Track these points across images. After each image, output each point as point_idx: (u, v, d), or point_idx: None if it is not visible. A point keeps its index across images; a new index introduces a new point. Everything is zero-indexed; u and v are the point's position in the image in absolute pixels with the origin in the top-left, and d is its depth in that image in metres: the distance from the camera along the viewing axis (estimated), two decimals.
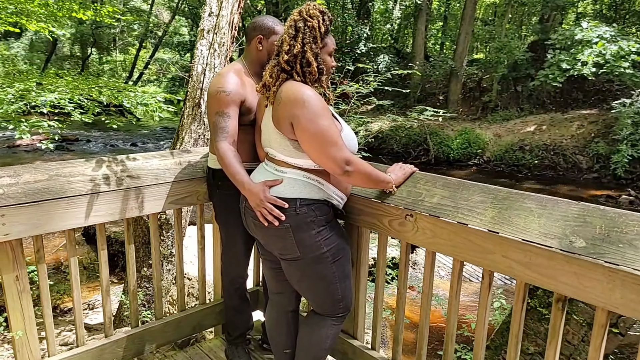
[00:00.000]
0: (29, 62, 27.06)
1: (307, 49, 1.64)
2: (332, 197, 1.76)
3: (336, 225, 1.79)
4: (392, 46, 19.92)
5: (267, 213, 1.66)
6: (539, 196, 1.49)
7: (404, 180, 1.81)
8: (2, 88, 3.86)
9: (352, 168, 1.62)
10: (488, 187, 1.62)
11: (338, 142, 1.61)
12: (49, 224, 1.76)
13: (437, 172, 8.72)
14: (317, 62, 1.66)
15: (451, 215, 1.61)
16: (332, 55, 1.76)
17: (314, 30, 1.65)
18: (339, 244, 1.76)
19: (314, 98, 1.61)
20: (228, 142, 1.83)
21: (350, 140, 1.74)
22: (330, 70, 1.77)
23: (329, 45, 1.72)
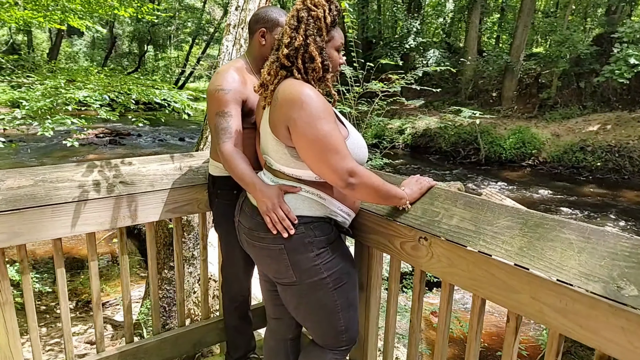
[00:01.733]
0: (90, 59, 28.42)
1: (310, 41, 1.42)
2: (336, 214, 1.54)
3: (340, 246, 1.56)
4: (443, 41, 19.20)
5: (277, 220, 1.45)
6: (580, 225, 1.20)
7: (420, 196, 1.56)
8: (33, 85, 3.89)
9: (356, 180, 1.39)
10: (518, 210, 1.33)
11: (341, 150, 1.38)
12: (32, 234, 1.64)
13: (487, 173, 8.34)
14: (322, 57, 1.44)
15: (472, 242, 1.35)
16: (340, 50, 1.52)
17: (318, 21, 1.43)
18: (342, 268, 1.54)
19: (314, 98, 1.38)
20: (232, 143, 1.64)
21: (358, 148, 1.51)
22: (337, 67, 1.54)
23: (336, 39, 1.49)
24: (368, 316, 1.82)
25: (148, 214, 1.88)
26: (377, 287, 1.80)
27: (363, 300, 1.82)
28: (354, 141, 1.50)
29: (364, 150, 1.54)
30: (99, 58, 28.38)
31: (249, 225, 1.54)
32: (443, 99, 17.40)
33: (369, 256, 1.76)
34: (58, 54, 23.97)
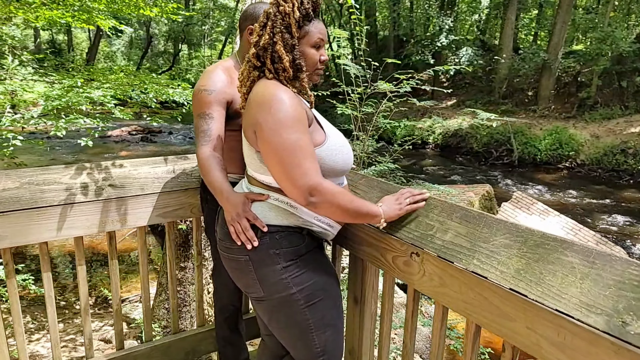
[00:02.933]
0: (127, 58, 29.19)
1: (277, 39, 1.32)
2: (311, 224, 1.41)
3: (314, 259, 1.43)
4: (477, 38, 18.70)
5: (241, 230, 1.37)
6: (585, 247, 1.05)
7: (401, 215, 1.41)
8: (52, 84, 3.94)
9: (318, 199, 1.27)
10: (517, 227, 1.20)
11: (303, 164, 1.26)
12: (17, 237, 1.61)
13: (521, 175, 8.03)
14: (293, 55, 1.33)
15: (465, 261, 1.22)
16: (319, 46, 1.39)
17: (287, 17, 1.31)
18: (315, 283, 1.40)
19: (285, 103, 1.27)
20: (210, 147, 1.57)
21: (337, 154, 1.39)
22: (316, 65, 1.40)
23: (311, 34, 1.36)
24: (362, 329, 1.71)
25: (138, 218, 1.83)
26: (372, 301, 1.69)
27: (357, 314, 1.71)
28: (332, 146, 1.38)
29: (345, 155, 1.42)
30: (135, 57, 29.14)
31: (220, 235, 1.47)
32: (475, 98, 16.95)
33: (363, 269, 1.65)
34: (97, 54, 24.71)
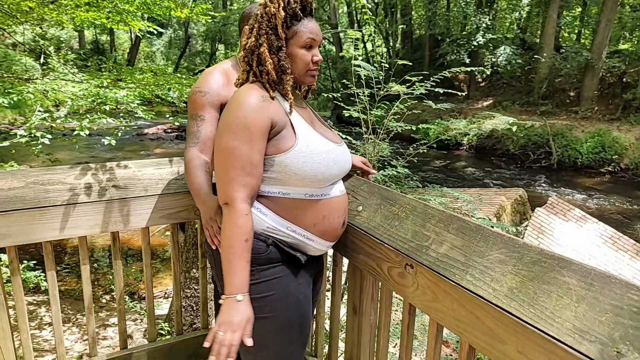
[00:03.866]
0: (166, 58, 29.95)
1: (262, 41, 1.29)
2: (283, 233, 1.33)
3: (274, 274, 1.33)
4: (517, 36, 18.12)
5: (214, 233, 1.40)
6: (584, 267, 0.96)
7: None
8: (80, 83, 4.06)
9: (225, 213, 1.24)
10: (514, 242, 1.12)
11: (230, 173, 1.23)
12: (21, 236, 1.64)
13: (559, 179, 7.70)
14: (277, 57, 1.29)
15: (458, 276, 1.15)
16: (311, 47, 1.33)
17: (273, 18, 1.28)
18: (264, 299, 1.30)
19: (241, 107, 1.24)
20: (197, 148, 1.59)
21: (303, 161, 1.27)
22: (308, 66, 1.34)
23: (301, 34, 1.30)
24: (360, 340, 1.65)
25: (141, 219, 1.84)
26: (372, 312, 1.63)
27: (356, 324, 1.66)
28: (300, 152, 1.28)
29: (318, 164, 1.29)
30: (174, 57, 29.86)
31: (204, 238, 1.48)
32: (513, 98, 16.45)
33: (361, 277, 1.59)
34: (137, 54, 25.47)
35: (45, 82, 3.83)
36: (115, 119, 3.44)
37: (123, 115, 3.74)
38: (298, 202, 1.32)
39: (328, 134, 1.44)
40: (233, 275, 1.21)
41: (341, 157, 1.40)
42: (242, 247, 1.21)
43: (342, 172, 1.42)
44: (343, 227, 1.48)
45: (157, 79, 4.40)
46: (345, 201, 1.47)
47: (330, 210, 1.37)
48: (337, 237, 1.46)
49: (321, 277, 1.65)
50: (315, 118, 1.48)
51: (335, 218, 1.40)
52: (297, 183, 1.29)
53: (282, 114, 1.30)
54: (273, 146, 1.28)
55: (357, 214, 1.57)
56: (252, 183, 1.25)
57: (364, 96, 2.48)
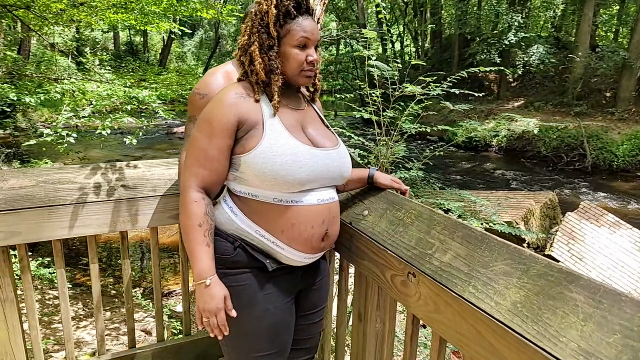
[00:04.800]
0: (197, 58, 30.43)
1: (253, 40, 1.27)
2: (246, 234, 1.30)
3: (238, 280, 1.30)
4: (552, 35, 17.59)
5: None
6: (593, 283, 0.90)
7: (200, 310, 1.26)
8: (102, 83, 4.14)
9: (180, 200, 1.28)
10: (521, 253, 1.05)
11: (192, 164, 1.27)
12: (30, 234, 1.66)
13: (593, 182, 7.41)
14: (268, 57, 1.26)
15: (460, 287, 1.09)
16: (305, 46, 1.27)
17: (265, 16, 1.25)
18: (236, 307, 1.29)
19: (215, 103, 1.27)
20: None
21: (262, 162, 1.22)
22: (302, 66, 1.28)
23: (294, 32, 1.26)
24: (365, 349, 1.60)
25: (149, 219, 1.84)
26: (378, 319, 1.58)
27: (361, 332, 1.61)
28: (261, 153, 1.23)
29: (279, 166, 1.22)
30: (204, 57, 30.30)
31: None
32: (546, 99, 15.97)
33: (366, 284, 1.55)
34: (169, 54, 25.98)
35: (72, 82, 3.92)
36: (137, 119, 3.49)
37: (145, 115, 3.79)
38: (267, 206, 1.27)
39: (318, 138, 1.36)
40: (196, 260, 1.23)
41: (318, 162, 1.28)
42: (198, 232, 1.23)
43: (317, 178, 1.29)
44: (325, 239, 1.36)
45: (180, 79, 4.45)
46: (328, 211, 1.34)
47: (300, 218, 1.28)
48: (315, 248, 1.34)
49: (318, 288, 1.53)
50: (311, 120, 1.40)
51: (308, 228, 1.29)
52: (260, 185, 1.25)
53: (256, 114, 1.26)
54: (240, 145, 1.26)
55: (362, 218, 1.52)
56: (204, 175, 1.26)
57: (377, 97, 2.42)
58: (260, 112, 1.27)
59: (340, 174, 1.37)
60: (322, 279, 1.52)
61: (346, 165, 1.39)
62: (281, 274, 1.35)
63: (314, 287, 1.51)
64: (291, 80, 1.32)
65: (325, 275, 1.55)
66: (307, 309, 1.51)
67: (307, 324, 1.52)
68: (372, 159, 2.57)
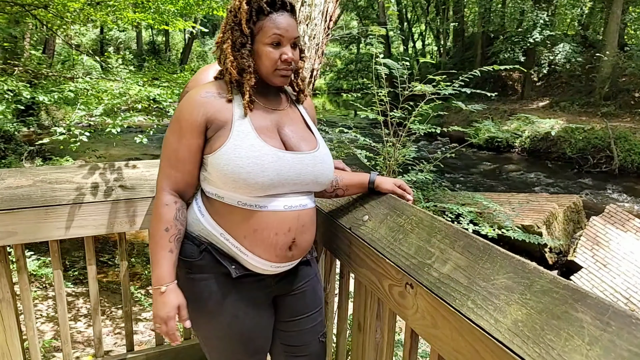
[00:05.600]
0: None
1: (226, 37, 1.23)
2: (212, 236, 1.26)
3: (209, 287, 1.27)
4: (578, 33, 17.11)
5: None
6: (601, 302, 0.81)
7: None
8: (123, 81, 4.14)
9: (155, 201, 1.27)
10: (524, 266, 0.96)
11: (164, 166, 1.26)
12: (27, 234, 1.65)
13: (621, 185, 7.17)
14: (239, 54, 1.21)
15: (459, 301, 1.01)
16: (279, 43, 1.21)
17: (238, 13, 1.20)
18: (204, 312, 1.29)
19: (183, 103, 1.24)
20: None
21: (224, 164, 1.18)
22: (275, 65, 1.22)
23: (266, 30, 1.19)
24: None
25: (147, 221, 1.80)
26: (378, 330, 1.50)
27: (360, 343, 1.54)
28: (223, 154, 1.19)
29: (241, 168, 1.17)
30: None
31: None
32: (572, 99, 15.54)
33: (365, 293, 1.47)
34: (190, 54, 26.24)
35: (86, 81, 3.94)
36: (149, 117, 3.48)
37: (156, 114, 3.78)
38: (231, 209, 1.23)
39: (294, 140, 1.29)
40: (156, 265, 1.22)
41: (285, 165, 1.21)
42: (162, 236, 1.22)
43: (283, 183, 1.21)
44: (293, 249, 1.28)
45: None
46: (296, 219, 1.26)
47: (263, 224, 1.21)
48: (280, 257, 1.27)
49: (301, 294, 1.44)
50: (290, 122, 1.32)
51: (272, 235, 1.22)
52: (224, 187, 1.21)
53: (225, 113, 1.22)
54: (209, 145, 1.23)
55: (362, 223, 1.45)
56: (176, 177, 1.24)
57: (384, 96, 2.33)
58: (231, 111, 1.22)
59: (314, 179, 1.28)
60: (304, 284, 1.44)
61: (322, 170, 1.30)
62: (251, 280, 1.30)
63: (294, 293, 1.43)
64: (266, 80, 1.26)
65: (310, 281, 1.46)
66: (290, 315, 1.43)
67: (296, 330, 1.44)
68: (380, 160, 2.48)
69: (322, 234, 1.67)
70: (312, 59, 3.41)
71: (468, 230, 2.33)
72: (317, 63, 3.45)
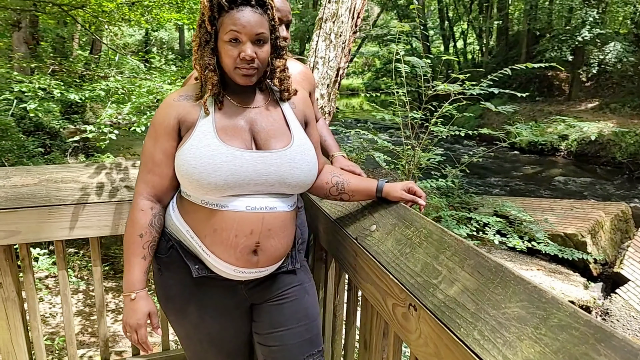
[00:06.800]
0: None
1: (195, 36, 1.19)
2: (180, 233, 1.24)
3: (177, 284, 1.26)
4: (631, 32, 16.18)
5: None
6: (628, 344, 0.67)
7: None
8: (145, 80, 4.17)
9: (132, 205, 1.25)
10: (542, 295, 0.83)
11: (141, 170, 1.25)
12: (31, 233, 1.62)
13: None
14: (203, 52, 1.17)
15: (464, 329, 0.88)
16: (238, 40, 1.13)
17: (205, 11, 1.14)
18: (173, 309, 1.29)
19: (159, 108, 1.24)
20: None
21: (182, 163, 1.16)
22: (234, 63, 1.14)
23: (224, 27, 1.13)
24: None
25: None
26: (383, 349, 1.38)
27: None
28: (182, 154, 1.17)
29: (192, 169, 1.13)
30: None
31: None
32: (624, 100, 14.69)
33: (372, 310, 1.35)
34: None
35: (118, 80, 3.99)
36: None
37: None
38: (196, 207, 1.20)
39: (265, 139, 1.21)
40: (127, 271, 1.21)
41: (242, 165, 1.14)
42: (137, 242, 1.20)
43: (240, 183, 1.15)
44: (258, 254, 1.20)
45: None
46: (260, 222, 1.18)
47: (223, 224, 1.16)
48: (241, 261, 1.19)
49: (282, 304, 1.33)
50: (263, 120, 1.23)
51: (231, 236, 1.16)
52: (186, 186, 1.19)
53: (193, 114, 1.19)
54: (179, 147, 1.21)
55: (369, 233, 1.33)
56: (154, 181, 1.22)
57: (404, 95, 2.19)
58: (199, 112, 1.20)
59: (280, 180, 1.19)
60: (283, 292, 1.33)
61: (290, 170, 1.20)
62: (218, 285, 1.26)
63: (272, 302, 1.32)
64: (232, 79, 1.19)
65: (292, 290, 1.34)
66: (270, 326, 1.32)
67: (277, 345, 1.30)
68: (401, 165, 2.33)
69: (329, 242, 1.57)
70: (338, 57, 3.31)
71: (494, 241, 2.17)
72: (343, 61, 3.35)
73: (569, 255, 2.41)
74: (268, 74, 1.25)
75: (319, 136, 1.41)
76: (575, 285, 5.45)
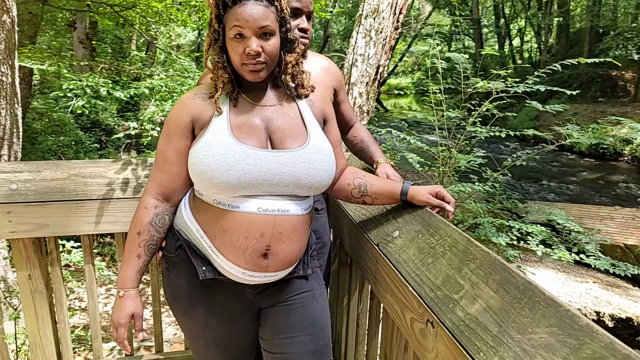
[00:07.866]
0: None
1: (207, 35, 1.17)
2: (189, 232, 1.21)
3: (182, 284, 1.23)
4: None
5: None
6: None
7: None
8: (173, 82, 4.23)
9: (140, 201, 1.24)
10: (574, 320, 0.71)
11: (154, 169, 1.24)
12: (58, 227, 1.64)
13: None
14: (213, 50, 1.16)
15: (483, 354, 0.78)
16: (242, 36, 1.08)
17: (211, 9, 1.12)
18: (180, 309, 1.27)
19: (175, 104, 1.22)
20: None
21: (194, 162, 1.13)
22: (241, 59, 1.10)
23: (228, 23, 1.10)
24: None
25: (176, 218, 1.73)
26: None
27: None
28: (194, 152, 1.14)
29: (204, 167, 1.10)
30: None
31: None
32: None
33: (393, 321, 1.26)
34: None
35: (162, 78, 4.07)
36: None
37: None
38: (208, 207, 1.16)
39: (281, 137, 1.16)
40: (121, 267, 1.22)
41: (256, 164, 1.09)
42: (134, 240, 1.21)
43: (254, 183, 1.10)
44: (269, 257, 1.15)
45: None
46: (272, 225, 1.13)
47: (233, 225, 1.12)
48: (250, 264, 1.14)
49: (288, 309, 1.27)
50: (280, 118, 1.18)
51: (241, 238, 1.12)
52: (199, 184, 1.16)
53: (207, 112, 1.17)
54: (192, 145, 1.18)
55: (391, 240, 1.24)
56: (162, 179, 1.21)
57: (440, 92, 2.06)
58: (213, 110, 1.16)
59: (294, 181, 1.13)
60: (291, 297, 1.27)
61: (305, 171, 1.13)
62: (226, 288, 1.23)
63: (278, 307, 1.27)
64: (241, 76, 1.15)
65: (301, 296, 1.28)
66: (273, 332, 1.26)
67: (280, 353, 1.25)
68: (436, 167, 2.19)
69: (351, 247, 1.49)
70: (379, 54, 3.20)
71: (537, 252, 1.99)
72: (383, 59, 3.24)
73: (622, 272, 2.18)
74: (281, 70, 1.19)
75: (339, 135, 1.33)
76: (634, 301, 5.05)
